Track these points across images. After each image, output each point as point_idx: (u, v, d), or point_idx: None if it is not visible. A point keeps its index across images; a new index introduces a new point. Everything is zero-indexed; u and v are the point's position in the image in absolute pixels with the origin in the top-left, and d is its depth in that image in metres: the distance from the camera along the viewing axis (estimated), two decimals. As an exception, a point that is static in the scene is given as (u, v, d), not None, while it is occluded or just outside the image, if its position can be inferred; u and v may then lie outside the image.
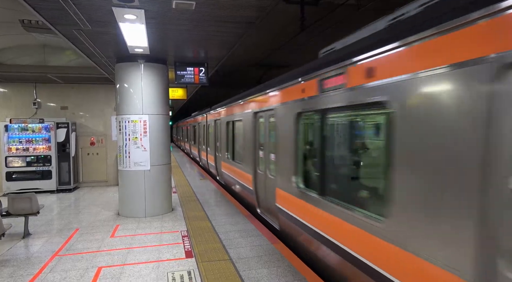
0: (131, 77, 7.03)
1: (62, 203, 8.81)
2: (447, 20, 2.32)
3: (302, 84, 4.68)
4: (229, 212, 7.46)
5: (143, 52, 6.51)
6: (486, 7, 2.01)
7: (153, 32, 5.35)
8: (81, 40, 5.75)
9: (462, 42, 2.20)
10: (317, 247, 4.28)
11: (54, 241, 5.69)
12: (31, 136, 10.21)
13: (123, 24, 4.69)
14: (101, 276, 4.30)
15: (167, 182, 7.50)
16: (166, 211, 7.46)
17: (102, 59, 7.27)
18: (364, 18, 7.95)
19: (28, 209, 5.80)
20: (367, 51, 3.22)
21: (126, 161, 7.08)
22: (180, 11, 4.43)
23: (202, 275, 4.23)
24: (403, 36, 2.75)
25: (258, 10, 4.46)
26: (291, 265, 4.51)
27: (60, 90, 11.21)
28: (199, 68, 7.53)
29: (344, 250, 3.57)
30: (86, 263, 4.74)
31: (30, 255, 5.10)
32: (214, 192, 9.92)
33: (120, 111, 7.15)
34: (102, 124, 11.47)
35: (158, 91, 7.24)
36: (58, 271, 4.47)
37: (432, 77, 2.41)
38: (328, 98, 3.96)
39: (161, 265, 4.61)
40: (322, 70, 4.09)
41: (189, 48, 6.49)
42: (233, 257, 4.82)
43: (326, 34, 8.78)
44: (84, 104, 11.39)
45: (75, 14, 4.48)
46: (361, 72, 3.31)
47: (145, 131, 7.06)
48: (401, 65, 2.76)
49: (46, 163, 10.14)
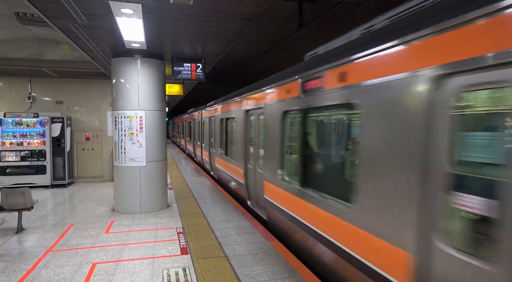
0: (127, 72, 6.97)
1: (56, 199, 8.74)
2: (400, 37, 2.75)
3: (287, 85, 5.12)
4: (225, 209, 7.46)
5: (139, 47, 6.44)
6: (425, 28, 2.49)
7: (150, 27, 5.30)
8: (77, 34, 5.68)
9: (410, 56, 2.64)
10: (300, 234, 4.67)
11: (48, 237, 5.65)
12: (25, 131, 10.11)
13: (120, 19, 4.63)
14: (96, 272, 4.28)
15: (163, 178, 7.47)
16: (161, 208, 7.43)
17: (98, 54, 7.19)
18: (363, 16, 7.95)
19: (21, 204, 5.74)
20: (338, 59, 3.70)
21: (122, 157, 7.03)
22: (178, 6, 4.39)
23: (197, 272, 4.22)
24: (366, 47, 3.21)
25: (256, 6, 4.43)
26: (287, 263, 4.51)
27: (55, 84, 11.11)
28: (196, 64, 7.49)
29: (320, 234, 4.06)
30: (80, 259, 4.71)
31: (24, 250, 5.06)
32: (209, 188, 9.90)
33: (116, 107, 7.09)
34: (98, 119, 11.39)
35: (154, 86, 7.18)
36: (52, 267, 4.44)
37: (387, 84, 2.89)
38: (309, 99, 4.41)
39: (156, 261, 4.59)
40: (303, 73, 4.56)
41: (186, 44, 6.44)
42: (228, 254, 4.81)
43: (326, 32, 8.76)
44: (80, 98, 11.29)
45: (71, 7, 4.42)
46: (335, 76, 3.77)
47: (141, 127, 7.01)
48: (365, 72, 3.22)
49: (40, 158, 10.05)
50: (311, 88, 4.34)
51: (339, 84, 3.65)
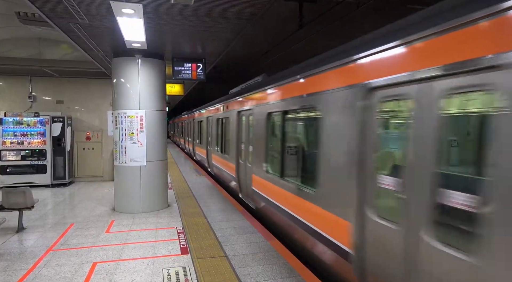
0: (128, 72, 6.97)
1: (56, 198, 8.76)
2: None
3: (267, 91, 6.15)
4: (225, 208, 7.47)
5: (140, 47, 6.45)
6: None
7: (151, 27, 5.30)
8: (78, 34, 5.68)
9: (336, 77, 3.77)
10: (279, 217, 5.48)
11: (49, 236, 5.66)
12: (26, 130, 10.12)
13: (121, 18, 4.64)
14: (96, 271, 4.29)
15: (163, 178, 7.48)
16: (161, 207, 7.44)
17: (99, 53, 7.20)
18: (363, 16, 7.95)
19: (22, 203, 5.76)
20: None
21: (122, 156, 7.04)
22: (178, 6, 4.40)
23: (197, 272, 4.23)
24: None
25: (257, 7, 4.44)
26: (287, 262, 4.52)
27: (56, 83, 11.11)
28: (196, 64, 7.49)
29: (292, 215, 4.89)
30: (81, 258, 4.72)
31: (24, 249, 5.07)
32: (209, 188, 9.91)
33: (116, 106, 7.10)
34: (98, 118, 11.39)
35: (155, 86, 7.19)
36: (53, 266, 4.45)
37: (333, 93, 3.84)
38: (280, 103, 5.49)
39: (156, 261, 4.61)
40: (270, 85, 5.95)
41: (187, 44, 6.45)
42: (228, 254, 4.82)
43: (326, 32, 8.76)
44: (80, 98, 11.30)
45: (72, 7, 4.43)
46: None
47: (141, 126, 7.02)
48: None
49: (41, 157, 10.06)
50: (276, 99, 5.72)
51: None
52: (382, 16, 7.94)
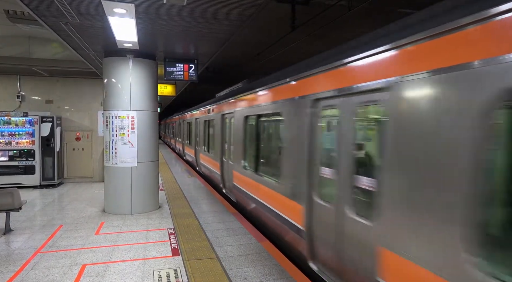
0: (119, 72, 6.91)
1: (45, 199, 8.62)
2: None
3: (245, 97, 7.02)
4: (216, 209, 7.44)
5: (132, 47, 6.40)
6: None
7: (143, 27, 5.27)
8: (68, 33, 5.61)
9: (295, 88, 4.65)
10: (253, 206, 6.32)
11: (37, 238, 5.57)
12: (14, 130, 9.94)
13: (112, 18, 4.60)
14: (85, 273, 4.23)
15: (154, 179, 7.42)
16: (152, 209, 7.38)
17: (90, 53, 7.12)
18: (355, 19, 8.03)
19: (9, 205, 5.65)
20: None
21: (113, 157, 6.97)
22: (171, 7, 4.38)
23: (188, 273, 4.21)
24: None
25: (250, 8, 4.45)
26: (278, 264, 4.52)
27: (45, 83, 10.94)
28: (189, 65, 7.46)
29: (262, 202, 5.82)
30: (69, 260, 4.65)
31: (11, 251, 4.97)
32: (201, 189, 9.87)
33: (107, 107, 7.02)
34: (88, 118, 11.25)
35: (146, 87, 7.14)
36: (41, 268, 4.38)
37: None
38: (254, 108, 6.39)
39: (147, 263, 4.56)
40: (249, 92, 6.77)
41: (179, 44, 6.42)
42: (220, 256, 4.81)
43: (318, 34, 8.82)
44: (70, 98, 11.15)
45: (62, 5, 4.37)
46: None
47: (132, 127, 6.96)
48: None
49: (29, 158, 9.89)
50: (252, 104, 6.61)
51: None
52: (373, 19, 8.03)
